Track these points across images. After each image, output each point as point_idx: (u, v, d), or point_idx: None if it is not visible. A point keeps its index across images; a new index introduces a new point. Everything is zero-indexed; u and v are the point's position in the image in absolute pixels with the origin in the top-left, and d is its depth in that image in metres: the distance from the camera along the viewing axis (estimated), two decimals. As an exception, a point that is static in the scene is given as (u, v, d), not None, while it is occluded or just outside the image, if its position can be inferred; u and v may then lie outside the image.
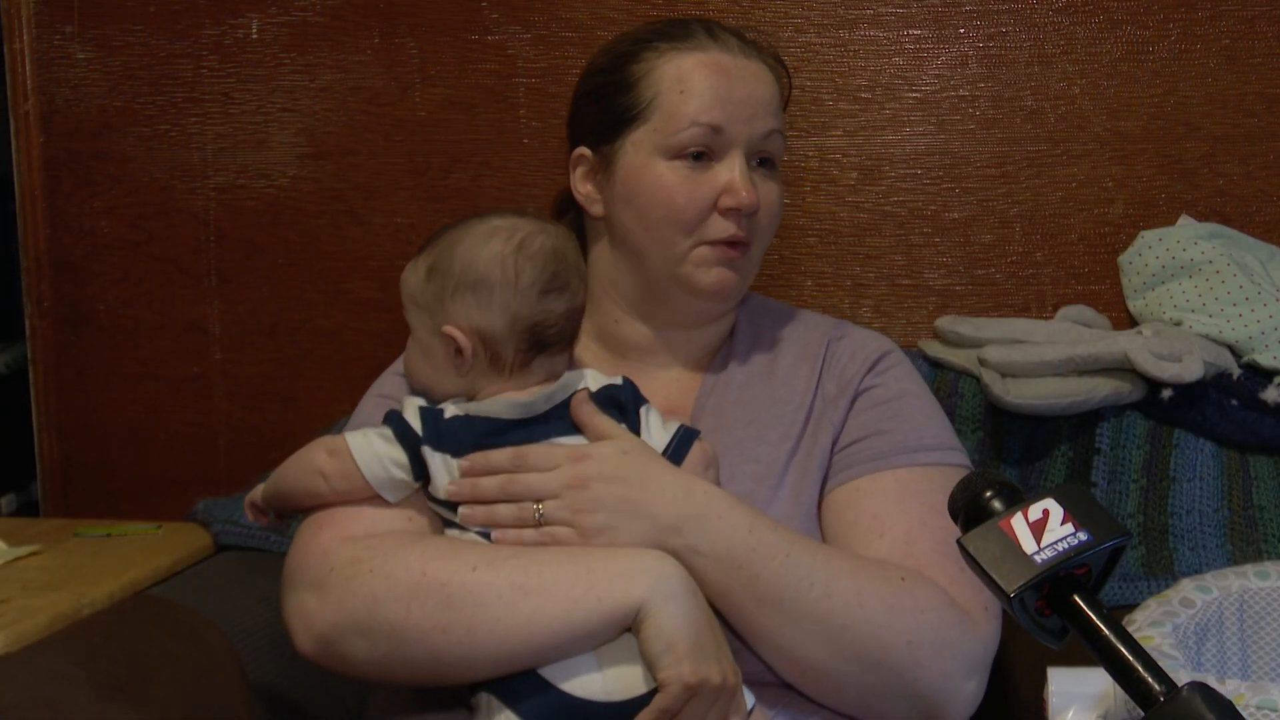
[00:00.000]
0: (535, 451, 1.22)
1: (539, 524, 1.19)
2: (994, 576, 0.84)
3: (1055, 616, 0.85)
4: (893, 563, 1.23)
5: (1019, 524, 0.85)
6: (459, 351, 1.25)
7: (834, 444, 1.35)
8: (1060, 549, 0.83)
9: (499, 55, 1.86)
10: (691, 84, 1.33)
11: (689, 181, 1.33)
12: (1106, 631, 0.82)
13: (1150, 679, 0.79)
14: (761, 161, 1.37)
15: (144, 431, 1.99)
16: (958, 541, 0.87)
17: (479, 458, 1.22)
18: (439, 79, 1.88)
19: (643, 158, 1.34)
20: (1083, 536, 0.84)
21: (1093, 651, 0.82)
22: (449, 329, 1.25)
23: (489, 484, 1.21)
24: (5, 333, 2.69)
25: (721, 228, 1.33)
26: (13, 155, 1.98)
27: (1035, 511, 0.85)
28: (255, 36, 1.91)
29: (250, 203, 1.94)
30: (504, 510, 1.20)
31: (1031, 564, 0.83)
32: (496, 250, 1.25)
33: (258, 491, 1.33)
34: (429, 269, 1.28)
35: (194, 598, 1.50)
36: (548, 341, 1.27)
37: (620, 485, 1.19)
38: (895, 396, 1.37)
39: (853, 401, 1.37)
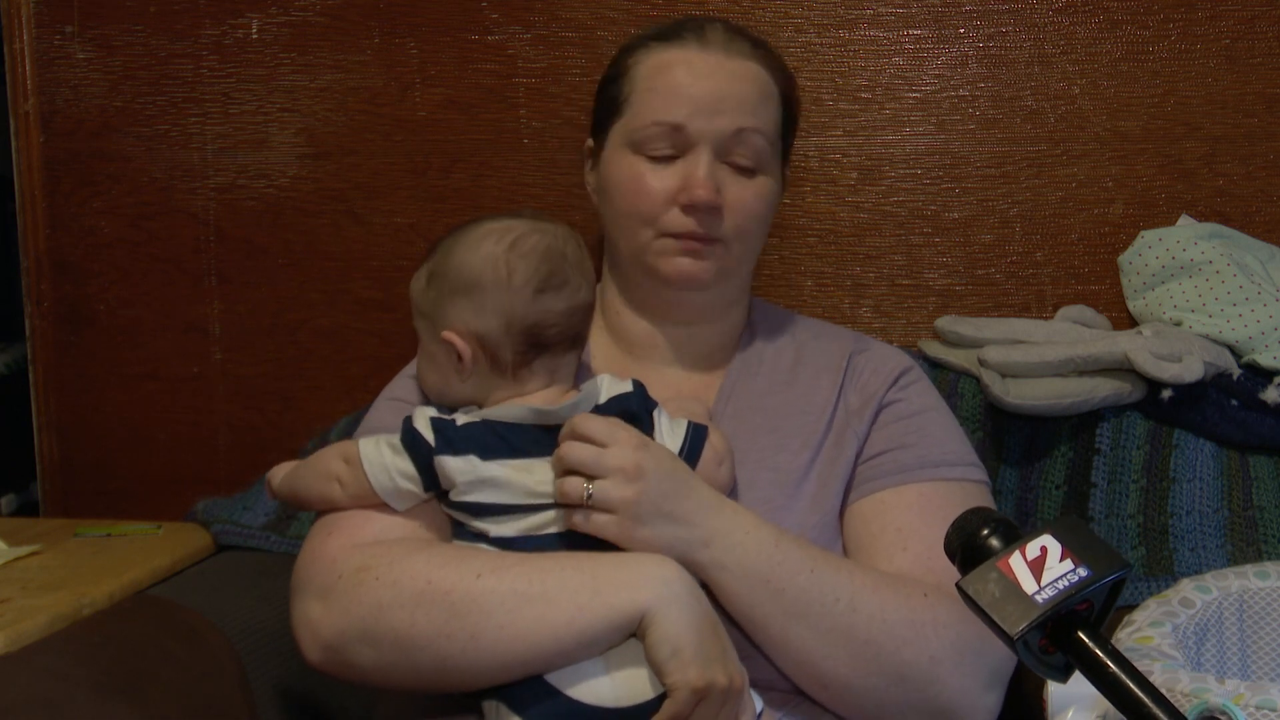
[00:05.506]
0: (602, 424, 1.19)
1: (589, 505, 1.17)
2: (996, 619, 0.82)
3: (1060, 654, 0.83)
4: (915, 578, 1.24)
5: (1018, 563, 0.84)
6: (459, 357, 1.25)
7: (858, 456, 1.35)
8: (1061, 587, 0.82)
9: (499, 55, 1.86)
10: (659, 81, 1.35)
11: (650, 175, 1.34)
12: (1113, 667, 0.81)
13: (1160, 713, 0.78)
14: (744, 167, 1.36)
15: (144, 431, 1.98)
16: (957, 585, 0.86)
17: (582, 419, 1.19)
18: (439, 79, 1.88)
19: (616, 149, 1.37)
20: (1083, 573, 0.82)
21: (1099, 688, 0.81)
22: (447, 334, 1.25)
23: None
24: (5, 333, 2.69)
25: (681, 222, 1.33)
26: (13, 155, 1.98)
27: (1033, 549, 0.84)
28: (255, 36, 1.91)
29: (250, 203, 1.94)
30: (566, 484, 1.18)
31: (1033, 604, 0.82)
32: (488, 251, 1.25)
33: (276, 476, 1.31)
34: (429, 276, 1.28)
35: (194, 598, 1.50)
36: (548, 342, 1.25)
37: (670, 483, 1.19)
38: (918, 411, 1.38)
39: (876, 415, 1.37)
